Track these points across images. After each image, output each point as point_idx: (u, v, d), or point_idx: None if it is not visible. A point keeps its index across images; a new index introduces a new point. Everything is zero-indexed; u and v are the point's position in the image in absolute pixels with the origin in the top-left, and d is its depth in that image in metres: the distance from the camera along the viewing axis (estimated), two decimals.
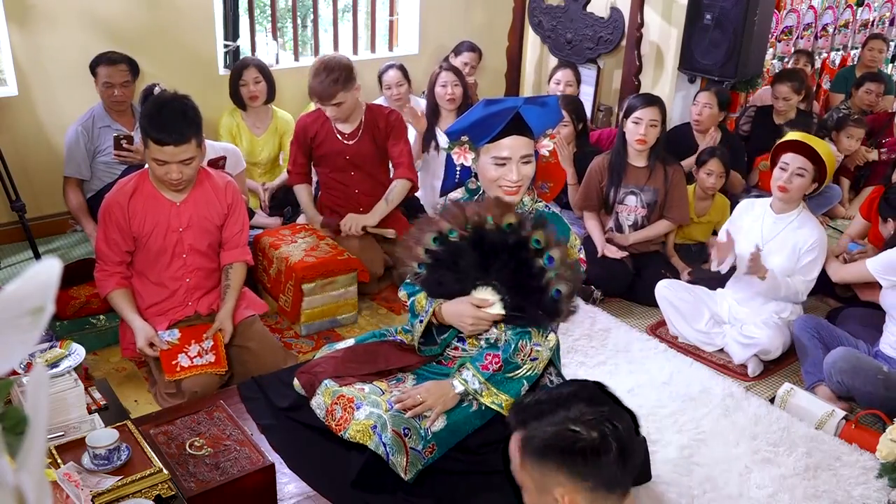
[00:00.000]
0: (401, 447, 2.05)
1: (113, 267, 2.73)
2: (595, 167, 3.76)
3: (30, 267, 0.59)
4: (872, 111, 5.31)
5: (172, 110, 2.55)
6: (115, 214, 2.67)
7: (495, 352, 2.15)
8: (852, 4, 6.23)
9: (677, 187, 3.67)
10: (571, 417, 1.32)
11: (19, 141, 3.91)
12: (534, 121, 2.12)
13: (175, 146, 2.53)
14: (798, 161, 3.05)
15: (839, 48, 6.27)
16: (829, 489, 2.45)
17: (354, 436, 2.10)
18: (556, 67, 4.59)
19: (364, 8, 5.17)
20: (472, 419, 2.16)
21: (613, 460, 1.29)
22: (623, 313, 3.58)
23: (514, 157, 2.11)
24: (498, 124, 2.09)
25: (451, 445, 2.13)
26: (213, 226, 2.78)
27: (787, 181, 3.06)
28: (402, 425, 2.08)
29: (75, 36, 3.93)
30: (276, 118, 4.24)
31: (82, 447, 1.92)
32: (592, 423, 1.31)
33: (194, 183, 2.72)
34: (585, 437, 1.30)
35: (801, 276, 3.11)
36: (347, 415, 2.15)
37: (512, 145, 2.10)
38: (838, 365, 2.80)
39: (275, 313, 3.41)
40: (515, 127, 2.10)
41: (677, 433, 2.69)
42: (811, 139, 3.06)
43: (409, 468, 2.05)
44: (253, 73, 4.06)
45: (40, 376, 0.61)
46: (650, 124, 3.54)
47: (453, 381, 2.17)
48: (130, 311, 2.71)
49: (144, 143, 2.62)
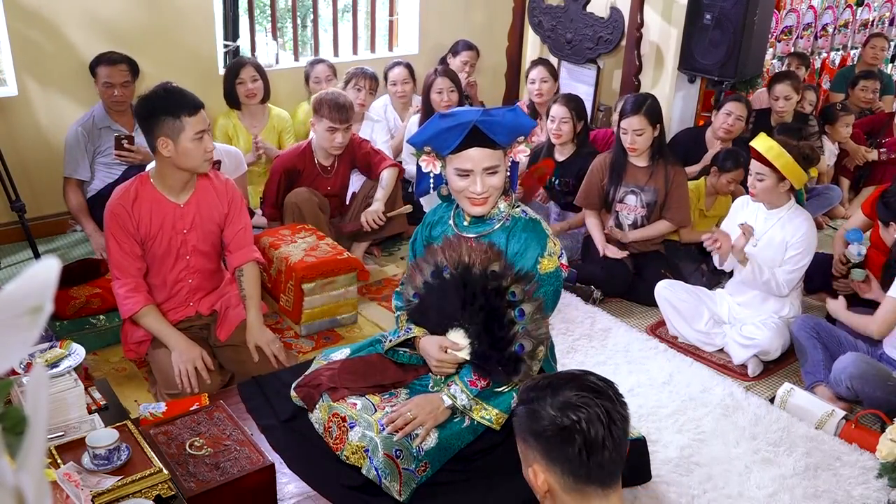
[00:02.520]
0: (393, 470, 2.05)
1: (134, 280, 2.62)
2: (596, 165, 3.76)
3: (29, 267, 0.59)
4: (872, 110, 5.32)
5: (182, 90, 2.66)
6: (124, 221, 2.59)
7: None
8: (852, 4, 6.23)
9: (678, 189, 3.67)
10: (553, 402, 1.34)
11: (19, 141, 3.91)
12: (496, 132, 2.03)
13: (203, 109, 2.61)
14: (756, 167, 3.13)
15: (839, 48, 6.27)
16: (829, 489, 2.45)
17: (350, 457, 2.13)
18: (530, 66, 4.63)
19: (364, 8, 5.17)
20: (464, 434, 2.14)
21: (577, 452, 1.29)
22: (623, 313, 3.58)
23: (477, 170, 2.05)
24: (455, 138, 2.03)
25: (443, 462, 2.11)
26: (215, 226, 2.77)
27: (752, 186, 3.16)
28: (394, 448, 2.07)
29: (75, 36, 3.93)
30: (272, 116, 4.25)
31: (82, 447, 1.91)
32: (569, 410, 1.32)
33: (195, 185, 2.71)
34: (557, 423, 1.31)
35: (786, 268, 3.11)
36: (342, 434, 2.16)
37: (474, 157, 2.04)
38: (849, 371, 2.79)
39: (274, 313, 3.41)
40: (476, 139, 2.02)
41: (677, 433, 2.69)
42: (768, 148, 3.07)
43: (403, 489, 2.04)
44: (250, 72, 4.08)
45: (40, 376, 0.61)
46: (636, 133, 3.55)
47: (443, 395, 2.15)
48: (168, 329, 2.63)
49: (172, 131, 2.53)
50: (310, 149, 3.74)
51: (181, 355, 2.59)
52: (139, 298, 2.61)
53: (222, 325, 2.82)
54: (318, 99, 3.62)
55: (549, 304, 2.13)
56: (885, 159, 4.86)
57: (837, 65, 6.21)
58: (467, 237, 2.17)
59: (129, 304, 2.61)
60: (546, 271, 2.11)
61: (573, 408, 1.32)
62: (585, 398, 1.33)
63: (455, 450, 2.14)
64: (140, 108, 2.60)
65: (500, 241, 2.14)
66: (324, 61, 4.53)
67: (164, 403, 2.35)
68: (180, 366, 2.58)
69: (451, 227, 2.24)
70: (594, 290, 3.64)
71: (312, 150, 3.74)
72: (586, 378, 1.39)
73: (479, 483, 2.12)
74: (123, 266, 2.61)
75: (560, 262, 2.15)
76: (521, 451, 1.42)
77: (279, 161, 3.76)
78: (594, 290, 3.64)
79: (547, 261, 2.11)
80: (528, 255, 2.11)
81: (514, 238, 2.14)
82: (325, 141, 3.63)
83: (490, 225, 2.17)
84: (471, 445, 2.15)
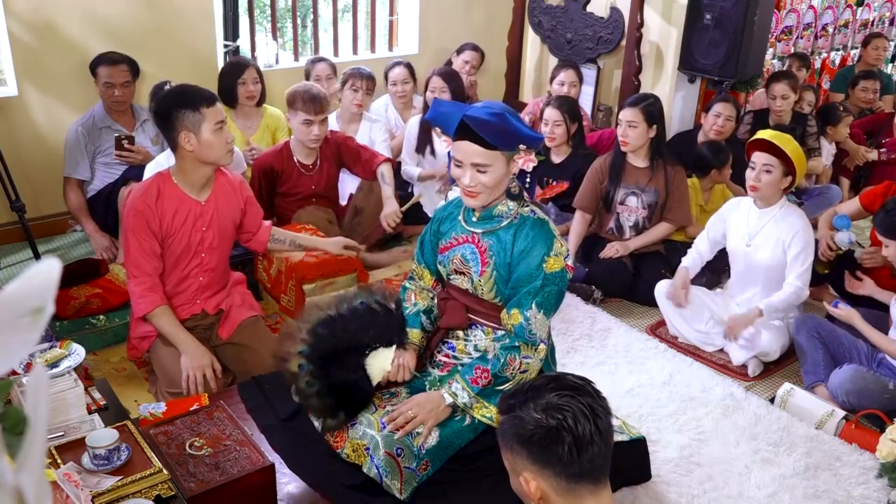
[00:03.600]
0: (394, 468, 2.05)
1: (150, 279, 2.62)
2: (596, 167, 3.76)
3: (30, 267, 0.59)
4: (872, 110, 5.32)
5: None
6: (148, 218, 2.58)
7: (485, 365, 2.12)
8: (852, 4, 6.23)
9: (678, 188, 3.67)
10: (535, 406, 1.35)
11: (19, 141, 3.91)
12: (484, 131, 2.02)
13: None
14: (764, 158, 3.07)
15: (839, 48, 6.27)
16: (829, 489, 2.45)
17: (350, 455, 2.13)
18: (558, 67, 4.56)
19: (364, 8, 5.17)
20: (465, 433, 2.15)
21: (567, 450, 1.31)
22: (623, 313, 3.58)
23: (466, 163, 2.07)
24: (448, 126, 2.07)
25: (444, 461, 2.12)
26: (230, 222, 2.79)
27: (756, 179, 3.10)
28: (395, 446, 2.07)
29: (75, 36, 3.93)
30: (266, 116, 4.25)
31: (82, 447, 1.92)
32: (552, 411, 1.34)
33: (214, 183, 2.72)
34: (543, 426, 1.33)
35: (794, 271, 3.09)
36: (343, 432, 2.16)
37: (464, 150, 2.06)
38: (846, 387, 2.79)
39: (275, 313, 3.41)
40: (467, 133, 2.04)
41: (677, 433, 2.69)
42: (774, 135, 3.07)
43: (405, 487, 2.05)
44: (253, 74, 4.08)
45: (40, 376, 0.61)
46: (629, 125, 3.56)
47: (444, 393, 2.15)
48: (180, 331, 2.63)
49: (193, 124, 2.54)
50: (288, 148, 3.70)
51: (192, 360, 2.59)
52: (154, 298, 2.61)
53: (225, 323, 2.83)
54: (292, 92, 3.59)
55: (552, 305, 2.14)
56: (885, 159, 4.86)
57: (837, 65, 6.21)
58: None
59: (143, 303, 2.61)
60: (551, 270, 2.11)
61: (556, 408, 1.34)
62: (567, 396, 1.35)
63: (456, 448, 2.14)
64: (159, 106, 2.63)
65: (507, 238, 2.15)
66: (324, 60, 4.53)
67: (164, 403, 2.35)
68: (189, 371, 2.58)
69: (459, 222, 2.27)
70: (594, 290, 3.64)
71: (291, 149, 3.70)
72: (563, 378, 1.41)
73: (481, 483, 2.12)
74: (141, 264, 2.61)
75: (566, 263, 2.16)
76: (508, 462, 1.42)
77: (256, 163, 3.72)
78: (594, 290, 3.64)
79: (553, 260, 2.12)
80: (534, 253, 2.12)
81: (522, 235, 2.15)
82: (301, 134, 3.60)
83: (498, 221, 2.18)
84: (472, 445, 2.16)
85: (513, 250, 2.13)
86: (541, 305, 2.10)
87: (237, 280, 2.97)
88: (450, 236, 2.27)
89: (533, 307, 2.10)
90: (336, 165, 3.81)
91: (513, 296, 2.14)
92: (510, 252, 2.14)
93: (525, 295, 2.10)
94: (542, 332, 2.13)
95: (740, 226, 3.23)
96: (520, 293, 2.11)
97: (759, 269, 3.17)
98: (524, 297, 2.10)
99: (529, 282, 2.11)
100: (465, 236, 2.23)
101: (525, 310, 2.10)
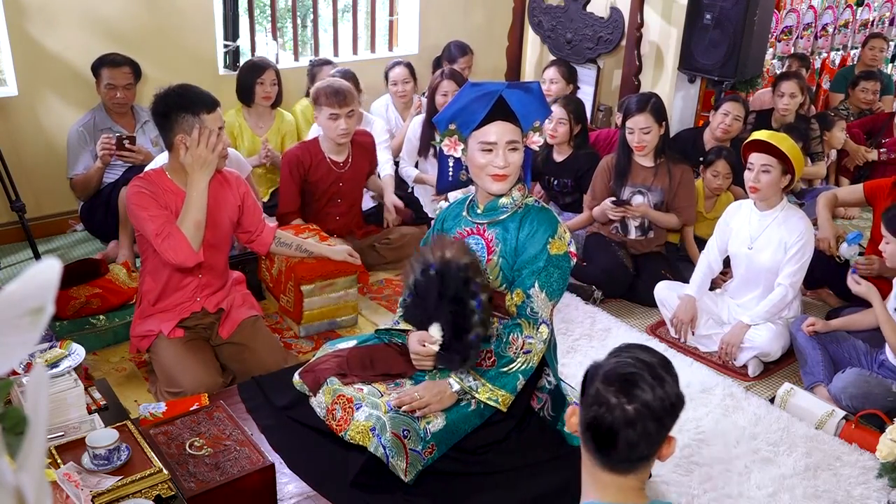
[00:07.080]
0: (400, 449, 2.06)
1: (171, 223, 2.58)
2: (603, 166, 3.77)
3: (30, 267, 0.59)
4: (872, 110, 5.32)
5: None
6: (154, 193, 2.55)
7: (489, 347, 2.17)
8: (852, 4, 6.24)
9: (685, 187, 3.66)
10: (591, 392, 1.41)
11: (19, 141, 3.91)
12: (518, 106, 2.13)
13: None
14: (762, 159, 3.07)
15: (839, 48, 6.27)
16: (829, 489, 2.45)
17: (354, 437, 2.13)
18: (546, 67, 4.64)
19: (364, 8, 5.17)
20: (472, 418, 2.17)
21: (591, 438, 1.38)
22: (623, 313, 3.58)
23: (500, 143, 2.13)
24: (482, 108, 2.11)
25: (450, 445, 2.14)
26: (228, 221, 2.79)
27: (755, 180, 3.09)
28: (402, 427, 2.09)
29: (75, 36, 3.93)
30: (279, 118, 4.26)
31: (82, 447, 1.92)
32: (595, 399, 1.39)
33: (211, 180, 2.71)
34: (587, 411, 1.39)
35: (785, 270, 3.08)
36: (347, 415, 2.17)
37: (498, 130, 2.13)
38: (849, 391, 2.78)
39: (275, 313, 3.41)
40: (500, 112, 2.12)
41: (677, 433, 2.66)
42: (770, 135, 3.07)
43: (409, 469, 2.05)
44: (272, 76, 4.10)
45: (40, 376, 0.61)
46: (643, 132, 3.55)
47: (450, 379, 2.19)
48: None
49: (191, 129, 2.53)
50: (317, 144, 3.66)
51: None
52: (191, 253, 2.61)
53: (225, 322, 2.83)
54: (316, 90, 3.56)
55: (555, 289, 2.18)
56: (885, 159, 4.86)
57: (837, 65, 6.21)
58: (451, 235, 2.27)
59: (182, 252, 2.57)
60: (555, 253, 2.16)
61: (599, 397, 1.42)
62: (609, 388, 1.43)
63: (462, 433, 2.16)
64: (158, 105, 2.59)
65: (513, 226, 2.21)
66: (330, 62, 4.51)
67: (164, 403, 2.36)
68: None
69: (464, 217, 2.30)
70: (594, 290, 3.64)
71: (320, 145, 3.66)
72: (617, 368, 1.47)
73: (490, 476, 2.13)
74: (157, 218, 2.54)
75: (569, 249, 2.21)
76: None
77: (286, 156, 3.66)
78: (594, 290, 3.64)
79: (557, 242, 2.18)
80: (538, 237, 2.17)
81: (527, 221, 2.21)
82: (329, 130, 3.55)
83: (503, 211, 2.23)
84: (481, 436, 2.17)
85: (518, 235, 2.19)
86: (543, 286, 2.16)
87: (237, 280, 2.96)
88: (454, 231, 2.32)
89: (535, 286, 2.15)
90: (366, 166, 3.80)
91: (517, 279, 2.19)
92: (517, 237, 2.20)
93: (528, 275, 2.17)
94: (543, 311, 2.17)
95: (742, 229, 3.22)
96: (523, 274, 2.18)
97: (761, 272, 3.16)
98: (527, 277, 2.17)
99: (533, 262, 2.16)
100: (469, 228, 2.29)
101: (528, 289, 2.16)
